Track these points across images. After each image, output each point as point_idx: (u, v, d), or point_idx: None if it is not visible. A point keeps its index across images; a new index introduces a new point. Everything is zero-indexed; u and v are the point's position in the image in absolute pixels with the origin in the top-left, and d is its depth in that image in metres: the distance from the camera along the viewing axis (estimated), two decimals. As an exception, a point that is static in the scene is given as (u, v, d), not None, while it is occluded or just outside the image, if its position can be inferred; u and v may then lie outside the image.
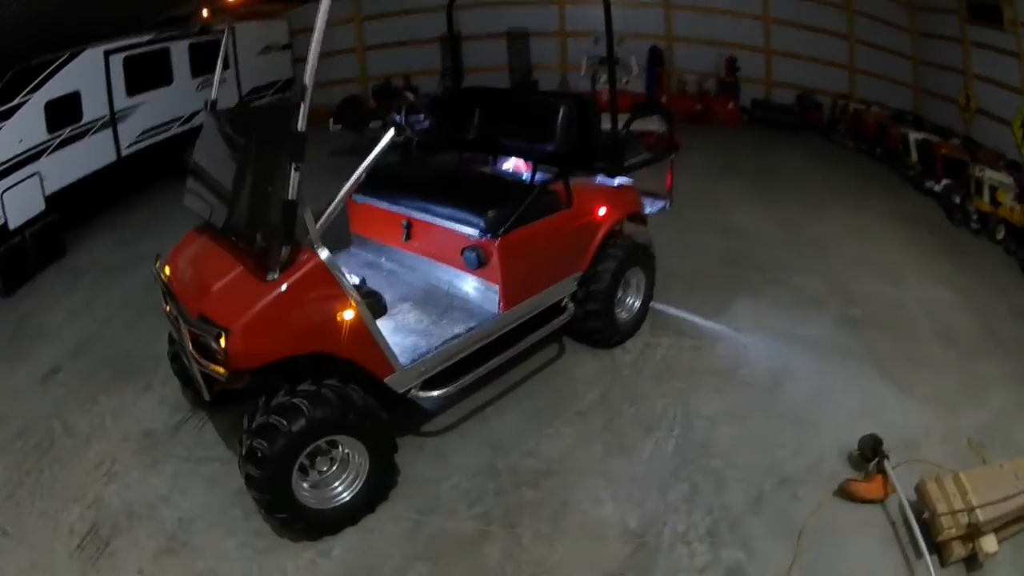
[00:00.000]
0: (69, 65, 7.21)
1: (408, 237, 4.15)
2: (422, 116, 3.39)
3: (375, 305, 2.93)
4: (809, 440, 3.71)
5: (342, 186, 2.84)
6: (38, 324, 5.53)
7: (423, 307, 3.86)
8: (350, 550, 3.01)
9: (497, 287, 3.73)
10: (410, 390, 3.31)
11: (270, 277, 2.71)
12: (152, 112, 8.65)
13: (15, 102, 6.52)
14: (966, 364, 4.43)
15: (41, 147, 6.90)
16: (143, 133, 8.54)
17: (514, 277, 3.77)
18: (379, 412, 3.00)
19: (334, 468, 3.05)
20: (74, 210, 7.37)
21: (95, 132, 7.73)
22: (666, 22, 11.06)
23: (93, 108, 7.58)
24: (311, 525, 2.96)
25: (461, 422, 3.92)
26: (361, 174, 2.84)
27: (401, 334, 3.50)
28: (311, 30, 2.72)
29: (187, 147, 9.25)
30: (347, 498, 3.03)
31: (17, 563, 3.04)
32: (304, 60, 2.74)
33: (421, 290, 4.07)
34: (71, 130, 7.33)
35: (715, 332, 4.82)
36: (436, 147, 4.91)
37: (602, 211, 4.23)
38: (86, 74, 7.52)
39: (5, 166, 6.40)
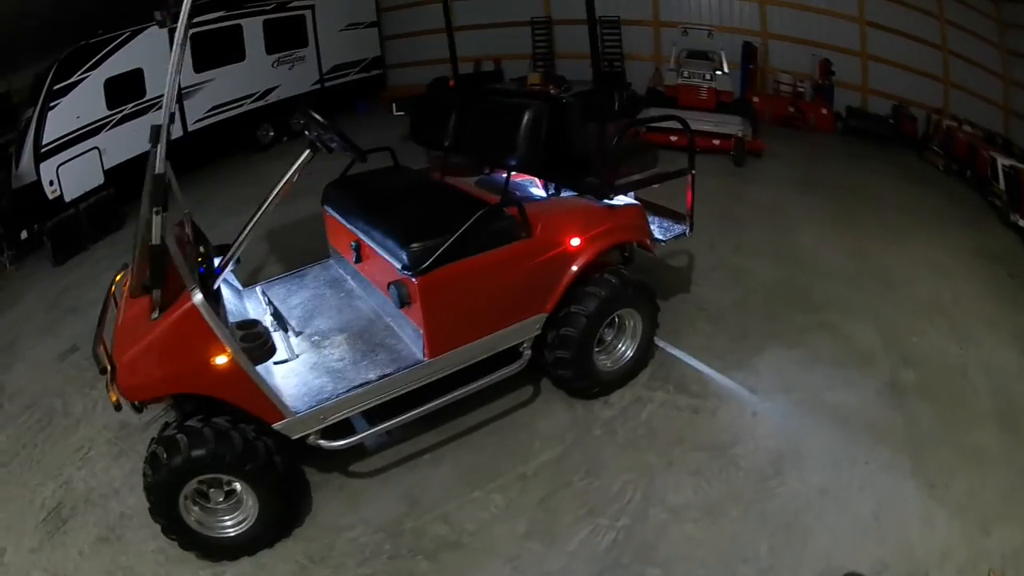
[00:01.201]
0: (131, 43, 7.31)
1: (358, 259, 3.74)
2: (333, 136, 2.93)
3: (254, 351, 2.71)
4: (787, 557, 2.87)
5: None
6: (75, 298, 5.65)
7: (354, 342, 3.45)
8: (242, 572, 2.94)
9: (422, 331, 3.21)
10: (308, 436, 2.98)
11: (152, 317, 2.63)
12: (222, 88, 8.72)
13: (72, 79, 6.68)
14: (1020, 461, 3.40)
15: (100, 123, 7.07)
16: (212, 109, 8.63)
17: (442, 320, 3.22)
18: (269, 457, 2.79)
19: (225, 503, 2.92)
20: (137, 184, 7.52)
21: (160, 108, 7.81)
22: (761, 17, 9.80)
23: (157, 84, 7.67)
24: (206, 549, 2.93)
25: (392, 466, 3.50)
26: (273, 198, 2.80)
27: (315, 373, 3.19)
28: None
29: (261, 124, 9.64)
30: (233, 534, 2.91)
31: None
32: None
33: (364, 320, 3.62)
34: (133, 106, 7.47)
35: (725, 390, 3.95)
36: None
37: (575, 241, 3.49)
38: (149, 51, 7.59)
39: (60, 141, 6.61)
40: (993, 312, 4.90)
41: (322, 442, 3.00)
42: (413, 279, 3.08)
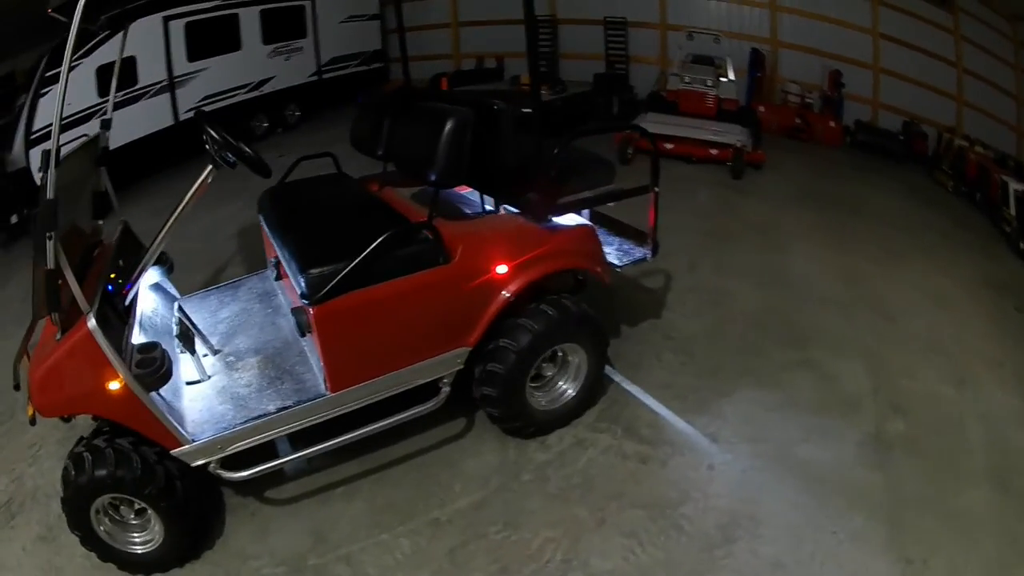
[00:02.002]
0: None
1: (278, 276, 3.49)
2: (230, 151, 2.62)
3: (146, 378, 2.55)
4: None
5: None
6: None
7: (265, 366, 3.18)
8: None
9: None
10: (208, 465, 2.80)
11: (56, 338, 2.53)
12: (216, 78, 8.49)
13: (62, 67, 6.45)
14: (1012, 530, 2.92)
15: (91, 110, 6.91)
16: (204, 98, 8.39)
17: (345, 353, 2.87)
18: (170, 481, 2.67)
19: (137, 520, 2.84)
20: (126, 172, 7.25)
21: (151, 96, 7.69)
22: (772, 24, 9.21)
23: (149, 73, 7.49)
24: (120, 563, 2.85)
25: (305, 496, 3.23)
26: (175, 218, 2.69)
27: (221, 398, 3.00)
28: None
29: (255, 114, 9.39)
30: (141, 552, 2.82)
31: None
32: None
33: (281, 342, 3.32)
34: (124, 94, 7.28)
35: (681, 437, 3.47)
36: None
37: (501, 268, 3.05)
38: (142, 40, 7.41)
39: (49, 129, 6.42)
40: (996, 351, 4.36)
41: (221, 472, 2.82)
42: (309, 308, 2.74)
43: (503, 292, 3.06)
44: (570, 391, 3.48)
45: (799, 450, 3.35)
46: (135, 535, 2.83)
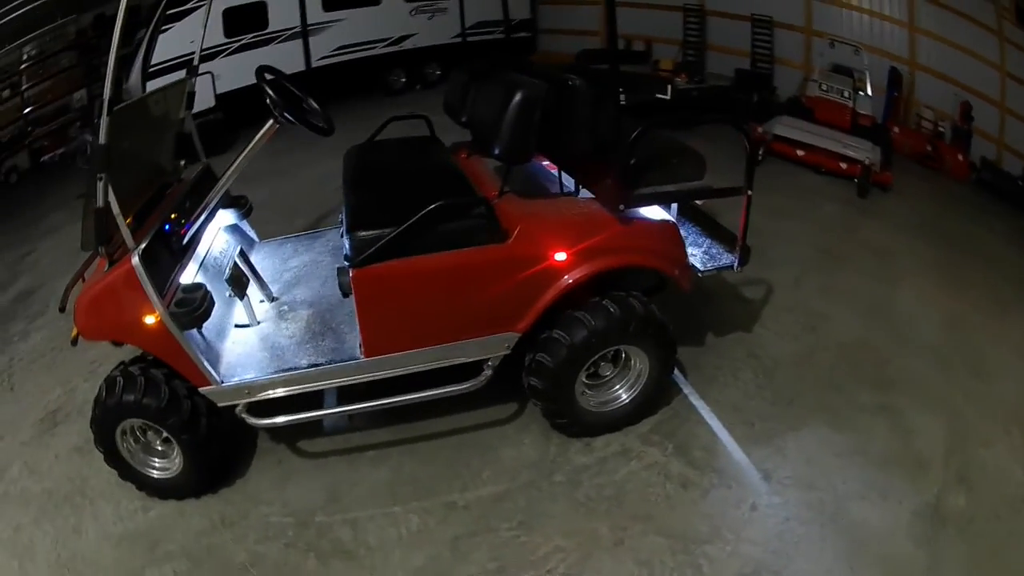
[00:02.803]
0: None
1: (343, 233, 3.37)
2: (289, 107, 2.59)
3: (183, 317, 2.59)
4: None
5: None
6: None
7: (314, 321, 3.19)
8: (164, 513, 2.98)
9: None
10: (236, 408, 2.84)
11: (105, 269, 2.64)
12: (352, 29, 8.60)
13: (189, 5, 6.76)
14: None
15: (215, 49, 7.17)
16: (339, 48, 8.54)
17: (381, 320, 2.78)
18: (195, 416, 2.76)
19: (162, 447, 2.95)
20: (249, 112, 7.65)
21: (282, 41, 7.90)
22: (910, 44, 8.19)
23: (281, 19, 7.69)
24: (140, 483, 2.98)
25: (335, 454, 3.24)
26: (235, 167, 2.76)
27: (263, 345, 3.03)
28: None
29: (393, 69, 9.49)
30: (157, 476, 2.94)
31: (4, 414, 3.72)
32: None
33: (336, 299, 3.29)
34: (253, 37, 7.51)
35: (733, 468, 3.12)
36: None
37: (560, 255, 2.82)
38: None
39: (171, 63, 6.76)
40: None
41: (246, 416, 2.84)
42: (350, 270, 2.67)
43: (560, 280, 2.84)
44: (624, 397, 3.23)
45: (853, 508, 2.91)
46: (156, 460, 2.93)
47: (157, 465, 2.93)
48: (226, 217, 3.44)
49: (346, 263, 2.70)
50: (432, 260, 2.71)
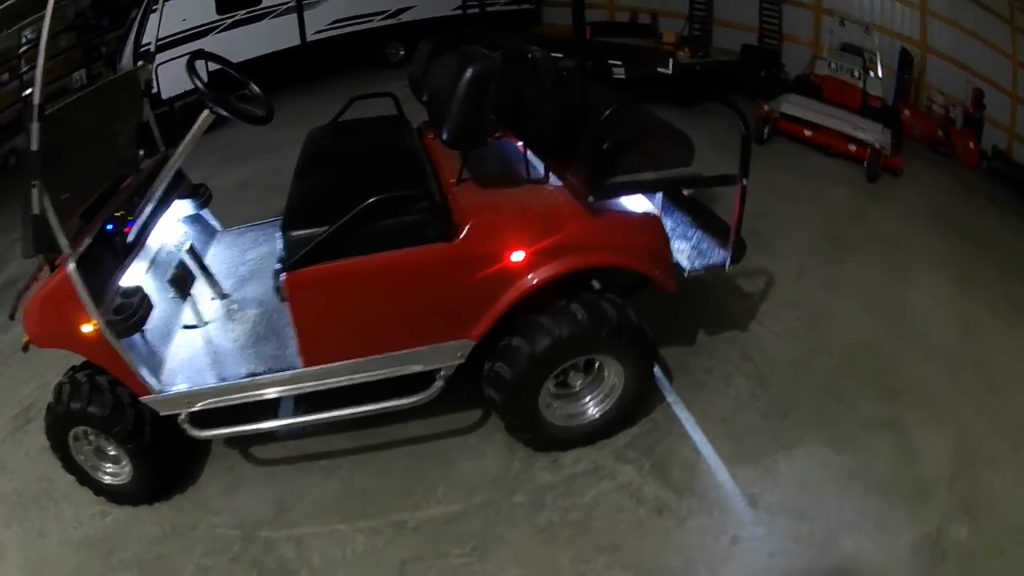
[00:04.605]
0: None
1: None
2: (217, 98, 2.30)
3: (119, 324, 2.36)
4: None
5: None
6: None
7: (259, 322, 2.90)
8: (120, 519, 2.78)
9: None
10: (177, 417, 2.59)
11: (42, 276, 2.46)
12: (348, 2, 8.18)
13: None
14: None
15: (208, 26, 6.82)
16: (335, 22, 8.14)
17: (319, 327, 2.45)
18: (140, 424, 2.54)
19: (112, 451, 2.73)
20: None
21: (276, 16, 7.53)
22: (921, 27, 7.58)
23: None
24: (93, 489, 2.81)
25: (284, 462, 2.95)
26: (173, 164, 2.49)
27: (207, 349, 2.76)
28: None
29: (390, 42, 9.01)
30: (109, 483, 2.75)
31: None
32: None
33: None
34: (246, 13, 7.16)
35: (716, 491, 2.72)
36: None
37: (517, 255, 2.41)
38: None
39: (163, 41, 6.36)
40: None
41: (188, 426, 2.58)
42: (282, 273, 2.33)
43: (518, 283, 2.43)
44: (594, 411, 2.83)
45: (846, 541, 2.51)
46: (108, 466, 2.76)
47: (109, 471, 2.78)
48: (184, 208, 3.13)
49: (278, 265, 2.36)
50: (371, 261, 2.34)
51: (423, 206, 2.35)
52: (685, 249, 2.97)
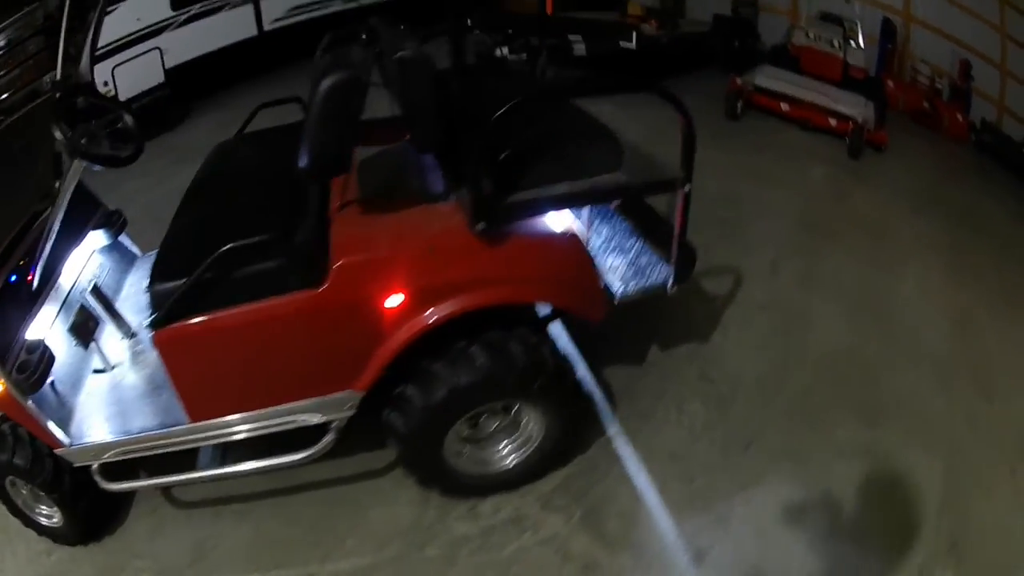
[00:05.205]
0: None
1: None
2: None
3: (23, 383, 2.14)
4: None
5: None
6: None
7: (159, 368, 2.53)
8: (62, 558, 2.64)
9: None
10: (90, 469, 2.39)
11: None
12: (308, -12, 7.71)
13: None
14: None
15: (163, 24, 6.50)
16: (293, 9, 7.71)
17: (197, 383, 2.17)
18: (59, 473, 2.36)
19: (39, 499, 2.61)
20: (204, 82, 6.94)
21: (232, 8, 7.12)
22: None
23: (228, -14, 6.88)
24: (36, 529, 2.66)
25: (203, 504, 2.71)
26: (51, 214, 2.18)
27: (112, 397, 2.50)
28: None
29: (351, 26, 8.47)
30: (46, 523, 2.60)
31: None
32: None
33: None
34: (201, 7, 6.77)
35: (655, 545, 2.36)
36: None
37: (394, 299, 2.04)
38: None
39: (119, 43, 6.14)
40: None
41: (99, 479, 2.38)
42: (150, 330, 2.07)
43: (400, 329, 2.07)
44: (511, 459, 2.48)
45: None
46: (42, 508, 2.67)
47: (44, 514, 2.69)
48: (98, 238, 2.85)
49: (145, 321, 2.13)
50: (235, 315, 2.02)
51: (281, 250, 1.99)
52: (620, 266, 2.53)
